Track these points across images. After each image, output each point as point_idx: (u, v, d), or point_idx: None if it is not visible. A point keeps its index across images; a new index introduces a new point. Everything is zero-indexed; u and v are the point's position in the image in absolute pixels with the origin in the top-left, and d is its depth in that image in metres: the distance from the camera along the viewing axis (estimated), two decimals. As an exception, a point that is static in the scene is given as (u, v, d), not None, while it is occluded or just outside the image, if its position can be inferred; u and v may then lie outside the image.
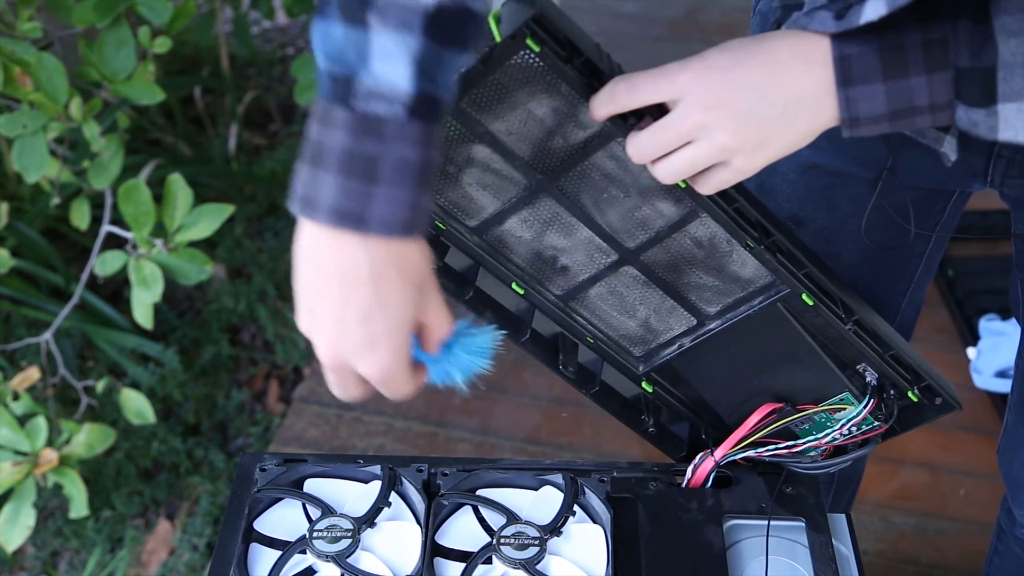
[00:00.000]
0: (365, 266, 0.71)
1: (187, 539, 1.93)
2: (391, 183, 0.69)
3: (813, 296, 0.92)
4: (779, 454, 1.01)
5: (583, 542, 0.96)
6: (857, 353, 0.97)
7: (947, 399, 0.98)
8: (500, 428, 2.02)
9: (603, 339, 1.03)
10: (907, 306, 1.20)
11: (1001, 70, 0.70)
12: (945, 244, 1.19)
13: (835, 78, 0.73)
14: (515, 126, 0.84)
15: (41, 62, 1.54)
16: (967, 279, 2.23)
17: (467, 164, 0.88)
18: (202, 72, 2.80)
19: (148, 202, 1.64)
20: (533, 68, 0.79)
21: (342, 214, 0.69)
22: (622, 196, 0.89)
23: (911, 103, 0.73)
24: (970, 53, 0.70)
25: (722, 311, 0.98)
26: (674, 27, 3.27)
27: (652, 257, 0.94)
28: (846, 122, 0.75)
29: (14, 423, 1.64)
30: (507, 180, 0.89)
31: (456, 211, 0.92)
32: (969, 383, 2.04)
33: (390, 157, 0.68)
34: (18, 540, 1.65)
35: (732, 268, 0.93)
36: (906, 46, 0.71)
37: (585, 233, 0.93)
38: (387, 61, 0.66)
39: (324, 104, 0.68)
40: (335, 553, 0.93)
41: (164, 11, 1.65)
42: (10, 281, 2.11)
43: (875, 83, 0.72)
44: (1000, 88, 0.70)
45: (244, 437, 2.14)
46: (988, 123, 0.72)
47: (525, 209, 0.91)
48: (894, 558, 1.77)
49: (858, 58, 0.72)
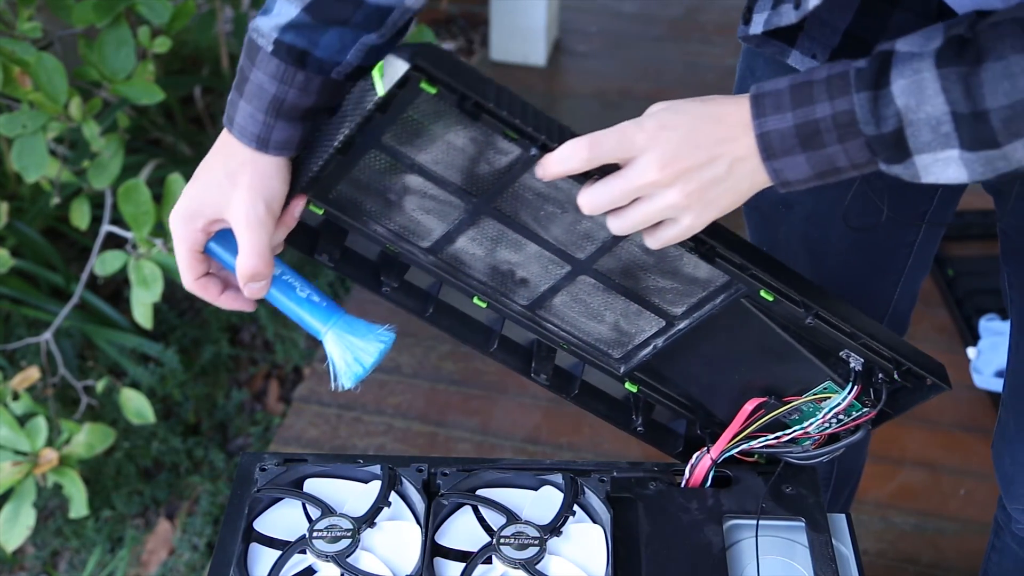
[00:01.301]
0: (218, 144, 0.92)
1: (187, 539, 1.93)
2: (249, 99, 0.87)
3: (772, 291, 0.93)
4: (770, 445, 1.02)
5: (583, 542, 0.96)
6: (834, 341, 0.97)
7: (934, 380, 0.98)
8: (500, 428, 2.02)
9: (578, 344, 1.03)
10: (900, 297, 1.21)
11: (908, 128, 0.74)
12: (939, 236, 1.19)
13: (759, 153, 0.79)
14: (439, 156, 0.87)
15: (41, 62, 1.54)
16: (967, 279, 2.23)
17: (405, 192, 0.91)
18: (202, 72, 2.80)
19: (148, 202, 1.64)
20: (439, 105, 0.82)
21: (227, 112, 0.90)
22: (560, 212, 0.90)
23: (834, 165, 0.78)
24: (875, 122, 0.75)
25: (688, 311, 0.98)
26: (674, 27, 3.27)
27: (605, 265, 0.95)
28: (778, 185, 0.80)
29: (14, 423, 1.64)
30: (446, 204, 0.92)
31: (407, 234, 0.96)
32: (969, 383, 2.04)
33: (252, 79, 0.87)
34: (18, 540, 1.65)
35: (687, 270, 0.94)
36: (818, 119, 0.76)
37: (534, 248, 0.94)
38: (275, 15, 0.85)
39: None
40: (335, 553, 0.93)
41: (164, 11, 1.65)
42: (10, 281, 2.11)
43: (796, 154, 0.78)
44: (911, 143, 0.75)
45: (244, 437, 2.14)
46: (909, 172, 0.77)
47: (471, 229, 0.94)
48: (894, 558, 1.77)
49: (776, 135, 0.78)
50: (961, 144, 0.73)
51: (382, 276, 1.00)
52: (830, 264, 1.16)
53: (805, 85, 0.77)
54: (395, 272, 1.00)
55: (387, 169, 0.90)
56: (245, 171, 0.89)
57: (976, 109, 0.72)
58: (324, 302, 0.96)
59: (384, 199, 0.93)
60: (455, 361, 2.15)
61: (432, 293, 1.02)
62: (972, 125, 0.73)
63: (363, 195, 0.94)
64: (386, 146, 0.87)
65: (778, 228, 1.16)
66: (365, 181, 0.92)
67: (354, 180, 0.92)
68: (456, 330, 1.03)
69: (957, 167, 0.75)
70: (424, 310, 1.01)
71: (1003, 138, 0.73)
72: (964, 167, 0.75)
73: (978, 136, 0.73)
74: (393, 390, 2.10)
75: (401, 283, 1.00)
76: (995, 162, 0.74)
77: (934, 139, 0.74)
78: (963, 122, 0.73)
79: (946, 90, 0.72)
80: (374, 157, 0.89)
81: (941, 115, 0.73)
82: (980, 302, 2.15)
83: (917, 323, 1.24)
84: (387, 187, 0.92)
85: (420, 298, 1.02)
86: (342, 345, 0.94)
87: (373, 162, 0.90)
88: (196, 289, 0.95)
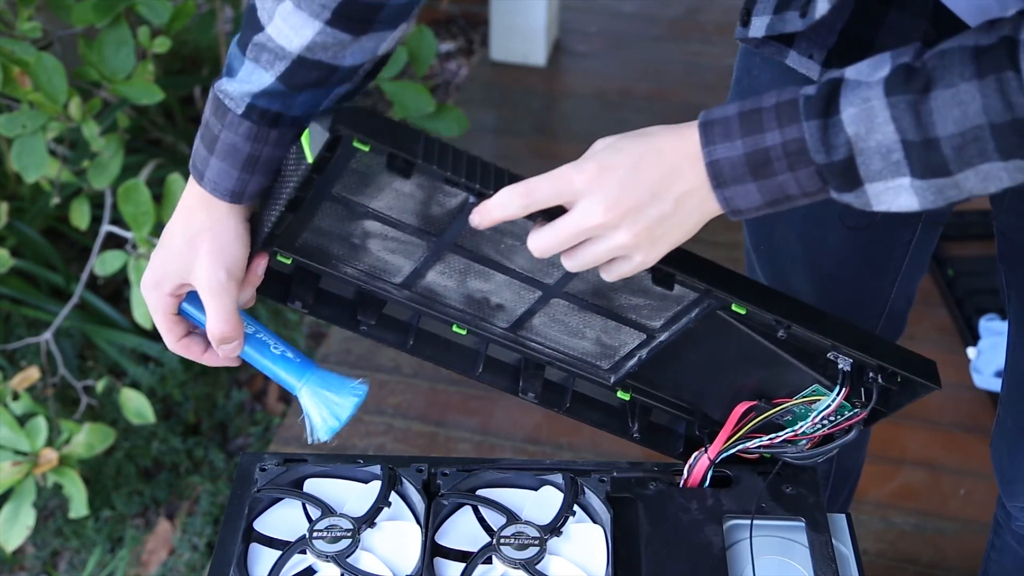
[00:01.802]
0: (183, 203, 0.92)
1: (187, 539, 1.93)
2: (222, 158, 0.87)
3: (742, 305, 0.92)
4: (766, 446, 1.02)
5: (583, 542, 0.96)
6: (818, 345, 0.97)
7: (923, 382, 0.97)
8: (500, 428, 2.01)
9: (564, 359, 1.03)
10: (897, 297, 1.21)
11: (858, 156, 0.74)
12: (936, 235, 1.19)
13: (709, 181, 0.78)
14: (391, 202, 0.88)
15: (40, 62, 1.54)
16: (967, 279, 2.23)
17: (366, 236, 0.93)
18: (202, 72, 2.80)
19: (147, 202, 1.64)
20: (378, 158, 0.82)
21: (193, 165, 0.90)
22: (520, 244, 0.89)
23: (785, 193, 0.77)
24: (825, 150, 0.74)
25: (666, 324, 0.97)
26: (674, 27, 3.27)
27: (575, 288, 0.94)
28: (729, 213, 0.80)
29: (14, 423, 1.64)
30: (409, 244, 0.92)
31: (378, 273, 0.97)
32: (969, 383, 2.04)
33: (223, 139, 0.87)
34: (18, 540, 1.65)
35: (656, 289, 0.93)
36: (768, 148, 0.76)
37: (502, 277, 0.94)
38: (244, 80, 0.86)
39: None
40: (335, 553, 0.93)
41: (164, 11, 1.65)
42: (10, 281, 2.11)
43: (747, 183, 0.77)
44: (861, 171, 0.74)
45: (244, 437, 2.14)
46: (860, 201, 0.76)
47: (438, 264, 0.94)
48: (894, 558, 1.77)
49: (726, 163, 0.77)
50: (912, 172, 0.73)
51: (359, 315, 1.00)
52: (827, 264, 1.16)
53: (754, 112, 0.76)
54: (372, 309, 1.00)
55: (345, 217, 0.91)
56: (204, 238, 0.89)
57: (927, 137, 0.72)
58: (298, 358, 0.97)
59: (348, 243, 0.94)
60: (455, 361, 2.15)
61: (412, 324, 1.03)
62: (923, 153, 0.72)
63: (328, 241, 0.94)
64: (338, 197, 0.88)
65: (775, 228, 1.16)
66: (326, 229, 0.93)
67: (316, 229, 0.93)
68: (440, 358, 1.04)
69: (908, 195, 0.74)
70: (405, 343, 1.02)
71: (955, 166, 0.72)
72: (915, 195, 0.74)
73: (929, 164, 0.73)
74: (393, 390, 2.10)
75: (379, 318, 1.01)
76: (946, 191, 0.74)
77: (885, 167, 0.73)
78: (914, 150, 0.72)
79: (896, 119, 0.72)
80: (329, 208, 0.90)
81: (891, 143, 0.72)
82: (980, 302, 2.15)
83: (917, 323, 1.24)
84: (349, 232, 0.93)
85: (400, 330, 1.03)
86: (317, 400, 0.96)
87: (329, 212, 0.90)
88: (180, 350, 0.96)
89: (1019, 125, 0.70)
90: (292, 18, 0.83)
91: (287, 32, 0.83)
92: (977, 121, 0.70)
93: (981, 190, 0.74)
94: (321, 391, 0.96)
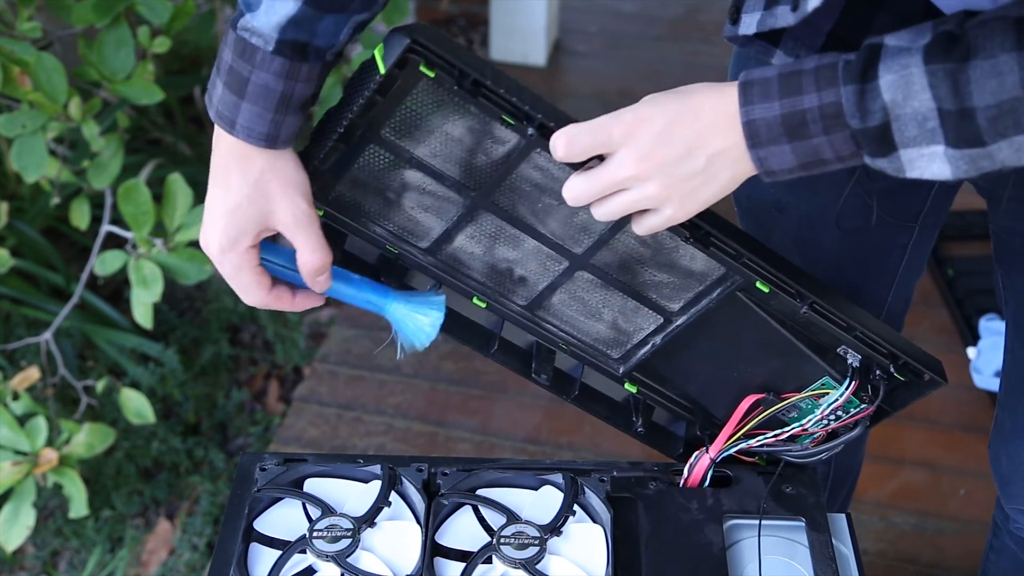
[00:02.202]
0: (224, 158, 0.89)
1: (187, 539, 1.94)
2: (254, 101, 0.85)
3: (767, 282, 0.93)
4: (769, 443, 1.02)
5: (583, 542, 0.96)
6: (831, 337, 0.98)
7: (932, 376, 0.99)
8: (500, 428, 2.02)
9: (577, 344, 1.03)
10: (894, 299, 1.21)
11: (894, 123, 0.75)
12: (934, 237, 1.19)
13: (745, 141, 0.79)
14: (437, 148, 0.88)
15: (40, 62, 1.54)
16: (967, 279, 2.23)
17: (403, 189, 0.93)
18: (202, 72, 2.80)
19: (148, 202, 1.64)
20: (437, 93, 0.83)
21: (219, 115, 0.87)
22: (556, 204, 0.90)
23: (819, 157, 0.78)
24: (861, 115, 0.75)
25: (685, 306, 0.98)
26: (674, 27, 3.27)
27: (602, 259, 0.95)
28: (763, 174, 0.80)
29: (14, 423, 1.64)
30: (444, 200, 0.93)
31: (406, 235, 0.97)
32: (969, 383, 2.04)
33: (255, 80, 0.84)
34: (18, 540, 1.65)
35: (683, 263, 0.94)
36: (805, 111, 0.77)
37: (532, 243, 0.94)
38: (269, 11, 0.83)
39: (230, 24, 0.85)
40: (335, 553, 0.93)
41: (164, 11, 1.65)
42: (10, 281, 2.11)
43: (782, 144, 0.78)
44: (896, 138, 0.75)
45: (244, 437, 2.14)
46: (894, 166, 0.77)
47: (469, 226, 0.95)
48: (894, 558, 1.77)
49: (763, 123, 0.78)
50: (947, 141, 0.74)
51: (382, 278, 1.00)
52: (823, 267, 1.16)
53: (794, 75, 0.77)
54: (394, 275, 1.01)
55: (386, 166, 0.91)
56: (269, 178, 0.88)
57: (963, 107, 0.72)
58: (375, 283, 0.98)
59: (383, 198, 0.94)
60: (455, 361, 2.15)
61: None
62: (958, 123, 0.73)
63: (362, 195, 0.94)
64: (385, 140, 0.88)
65: (771, 231, 1.16)
66: (364, 179, 0.92)
67: (353, 179, 0.92)
68: (456, 332, 1.04)
69: (942, 163, 0.75)
70: None
71: (989, 137, 0.73)
72: (948, 164, 0.75)
73: (963, 134, 0.73)
74: (393, 390, 2.10)
75: (400, 287, 1.01)
76: (979, 160, 0.74)
77: (920, 134, 0.74)
78: (949, 119, 0.73)
79: (933, 86, 0.72)
80: (372, 153, 0.89)
81: (927, 111, 0.73)
82: (980, 302, 2.15)
83: (917, 323, 1.24)
84: (386, 185, 0.92)
85: None
86: (408, 312, 0.97)
87: (372, 158, 0.90)
88: (271, 302, 0.94)
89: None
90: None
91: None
92: (1014, 93, 0.71)
93: (1015, 161, 0.74)
94: (408, 306, 0.97)
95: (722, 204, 0.87)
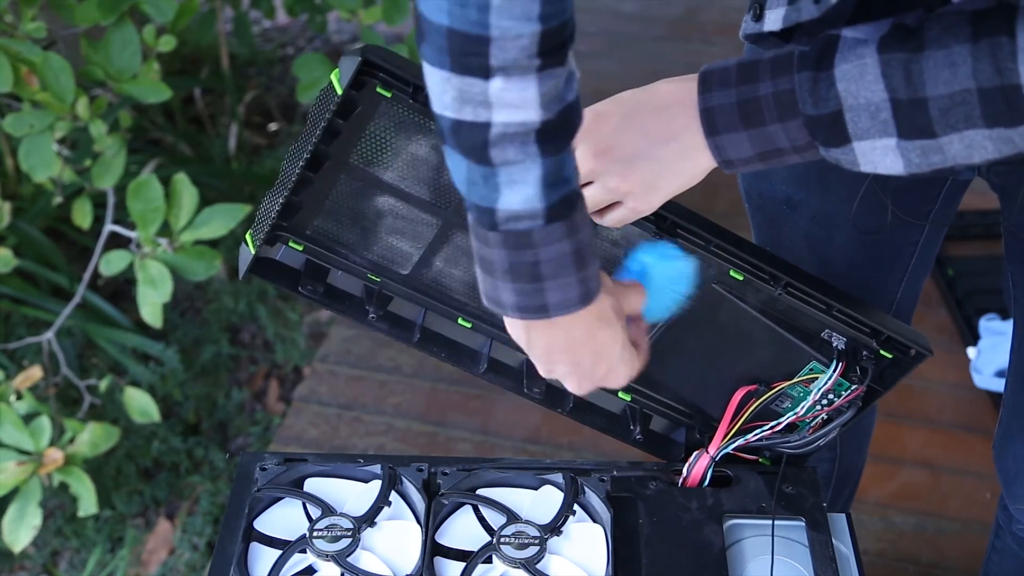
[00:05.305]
0: (564, 337, 0.81)
1: (187, 538, 1.94)
2: (554, 276, 0.77)
3: (739, 269, 0.94)
4: (766, 436, 1.02)
5: (583, 541, 0.96)
6: (814, 321, 0.98)
7: (918, 349, 1.00)
8: (500, 428, 2.02)
9: None
10: (903, 296, 1.21)
11: (847, 112, 0.75)
12: (942, 235, 1.19)
13: (702, 129, 0.79)
14: (405, 171, 0.90)
15: (47, 61, 1.54)
16: (967, 279, 2.23)
17: (378, 216, 0.94)
18: (202, 72, 2.80)
19: (159, 199, 1.64)
20: (397, 113, 0.85)
21: (524, 310, 0.79)
22: None
23: (775, 146, 0.78)
24: (814, 101, 0.75)
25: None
26: (674, 27, 3.27)
27: None
28: (721, 164, 0.81)
29: (18, 422, 1.64)
30: (418, 223, 0.94)
31: (385, 263, 0.98)
32: (969, 383, 2.04)
33: (545, 258, 0.76)
34: (25, 540, 1.64)
35: None
36: (760, 97, 0.77)
37: None
38: (516, 190, 0.73)
39: (475, 225, 0.77)
40: (335, 552, 0.93)
41: (169, 9, 1.65)
42: (12, 280, 2.11)
43: (739, 131, 0.78)
44: (850, 129, 0.75)
45: (244, 436, 2.14)
46: (848, 158, 0.77)
47: (445, 247, 0.96)
48: (894, 558, 1.77)
49: (719, 111, 0.78)
50: (899, 132, 0.74)
51: (367, 306, 1.01)
52: (835, 264, 1.16)
53: (752, 64, 0.78)
54: (379, 303, 1.02)
55: (358, 194, 0.92)
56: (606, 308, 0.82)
57: (915, 96, 0.72)
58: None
59: (360, 227, 0.95)
60: (455, 361, 2.15)
61: (418, 321, 1.04)
62: (910, 112, 0.73)
63: (339, 227, 0.95)
64: (354, 168, 0.90)
65: (782, 229, 1.16)
66: (339, 211, 0.94)
67: (328, 211, 0.94)
68: (445, 354, 1.05)
69: (895, 157, 0.75)
70: (411, 338, 1.03)
71: (939, 128, 0.73)
72: (901, 157, 0.75)
73: (915, 124, 0.73)
74: (393, 390, 2.10)
75: (386, 313, 1.02)
76: (930, 154, 0.74)
77: (872, 126, 0.74)
78: (901, 109, 0.73)
79: (887, 76, 0.73)
80: (344, 183, 0.91)
81: (880, 101, 0.73)
82: (980, 302, 2.15)
83: (917, 323, 1.24)
84: (361, 214, 0.94)
85: (406, 327, 1.04)
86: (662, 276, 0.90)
87: (344, 188, 0.92)
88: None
89: (1007, 92, 0.70)
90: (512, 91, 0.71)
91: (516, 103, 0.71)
92: (966, 84, 0.71)
93: (965, 158, 0.74)
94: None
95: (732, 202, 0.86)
